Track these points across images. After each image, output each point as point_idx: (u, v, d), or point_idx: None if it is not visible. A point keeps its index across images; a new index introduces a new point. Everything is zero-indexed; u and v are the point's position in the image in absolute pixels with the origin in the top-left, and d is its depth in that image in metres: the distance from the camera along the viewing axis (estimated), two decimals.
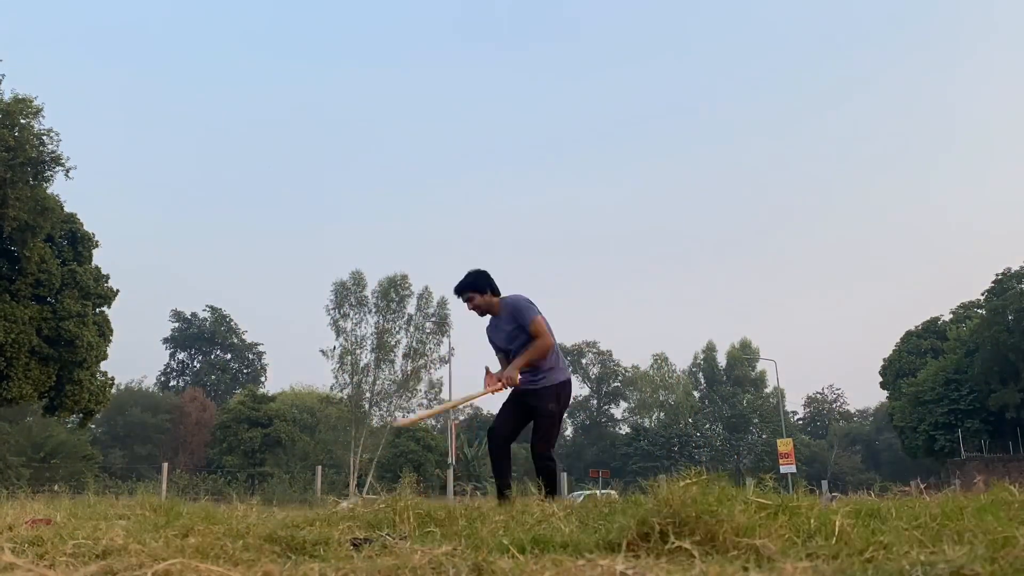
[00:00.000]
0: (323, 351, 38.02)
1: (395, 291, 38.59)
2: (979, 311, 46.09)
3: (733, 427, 63.18)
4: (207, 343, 68.84)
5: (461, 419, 62.95)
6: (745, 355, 69.60)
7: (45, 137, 24.66)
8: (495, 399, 5.01)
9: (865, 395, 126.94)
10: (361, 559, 2.21)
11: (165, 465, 19.72)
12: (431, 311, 38.85)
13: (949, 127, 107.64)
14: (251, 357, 70.63)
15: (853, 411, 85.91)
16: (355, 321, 38.27)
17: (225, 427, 49.10)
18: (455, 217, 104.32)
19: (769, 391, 67.68)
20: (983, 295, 44.56)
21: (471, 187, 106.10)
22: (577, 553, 2.17)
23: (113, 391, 31.62)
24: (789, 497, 2.88)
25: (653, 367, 68.01)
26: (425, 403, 41.69)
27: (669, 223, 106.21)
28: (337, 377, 37.99)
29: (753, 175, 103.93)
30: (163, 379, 67.93)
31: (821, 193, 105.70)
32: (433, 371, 38.67)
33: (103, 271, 29.71)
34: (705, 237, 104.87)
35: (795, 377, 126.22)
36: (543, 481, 4.68)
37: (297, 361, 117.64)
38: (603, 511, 3.27)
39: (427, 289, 39.19)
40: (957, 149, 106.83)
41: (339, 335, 37.94)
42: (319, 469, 23.52)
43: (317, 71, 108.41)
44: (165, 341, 68.57)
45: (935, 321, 52.34)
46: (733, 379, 69.68)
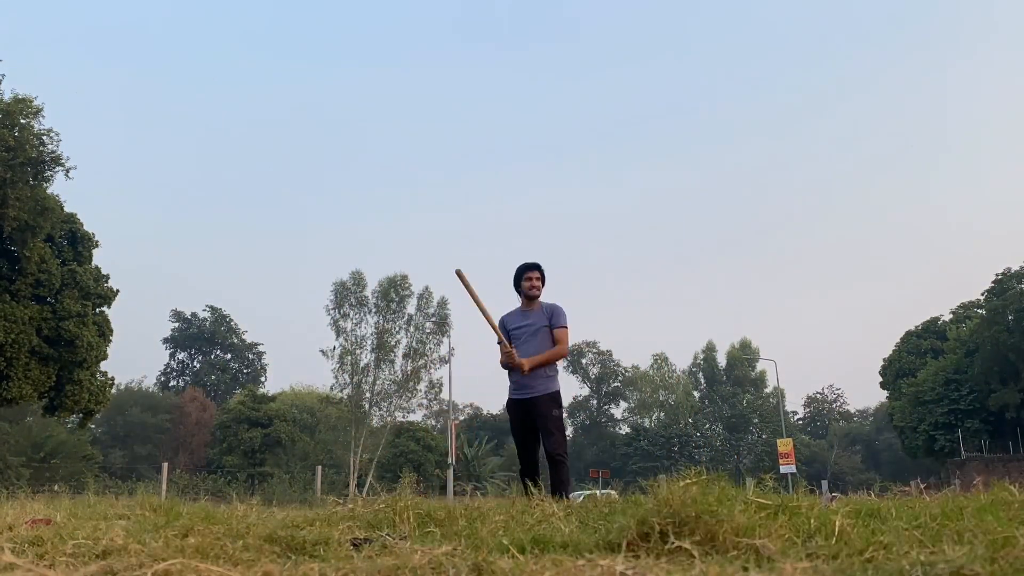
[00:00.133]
0: (323, 351, 38.03)
1: (395, 291, 38.56)
2: (979, 311, 46.07)
3: (733, 427, 63.15)
4: (207, 343, 68.82)
5: (461, 419, 62.96)
6: (745, 355, 69.59)
7: (45, 137, 24.65)
8: (495, 400, 5.18)
9: (865, 395, 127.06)
10: (361, 559, 2.21)
11: (165, 465, 19.68)
12: (431, 311, 38.83)
13: (949, 127, 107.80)
14: (251, 357, 70.61)
15: (853, 411, 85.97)
16: (355, 321, 38.27)
17: (225, 427, 49.08)
18: (455, 217, 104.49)
19: (769, 391, 67.69)
20: (983, 295, 44.53)
21: (471, 187, 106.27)
22: (577, 553, 2.17)
23: (113, 391, 31.60)
24: (789, 497, 2.88)
25: (653, 367, 68.03)
26: (425, 403, 41.79)
27: (669, 223, 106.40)
28: (337, 377, 38.00)
29: (753, 175, 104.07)
30: (163, 379, 67.93)
31: (821, 193, 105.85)
32: (433, 371, 38.68)
33: (103, 271, 29.70)
34: (705, 237, 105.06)
35: (795, 377, 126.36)
36: (552, 480, 4.94)
37: (297, 361, 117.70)
38: (603, 511, 3.27)
39: (427, 289, 39.20)
40: (957, 149, 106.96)
41: (339, 335, 37.95)
42: (319, 469, 23.48)
43: (317, 71, 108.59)
44: (165, 341, 68.61)
45: (935, 321, 52.32)
46: (733, 379, 69.68)
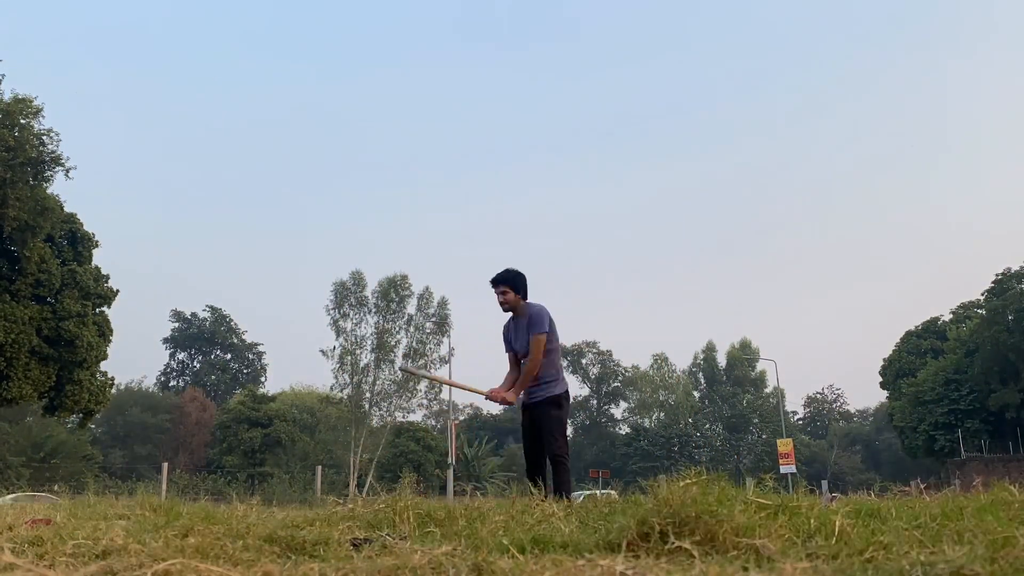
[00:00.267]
0: (323, 351, 38.06)
1: (395, 291, 38.56)
2: (979, 311, 46.06)
3: (733, 427, 63.16)
4: (207, 343, 68.83)
5: (461, 419, 62.96)
6: (745, 355, 69.59)
7: (45, 137, 24.68)
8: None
9: (865, 395, 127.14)
10: (361, 559, 2.21)
11: (165, 465, 19.69)
12: (431, 311, 38.85)
13: (949, 127, 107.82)
14: (251, 357, 70.63)
15: (853, 411, 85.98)
16: (355, 321, 38.29)
17: (225, 427, 49.08)
18: (455, 217, 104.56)
19: (769, 391, 67.68)
20: (983, 295, 44.54)
21: (471, 187, 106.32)
22: (577, 553, 2.17)
23: (113, 391, 31.62)
24: (789, 497, 2.88)
25: (653, 367, 68.02)
26: (425, 403, 41.85)
27: (669, 223, 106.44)
28: (337, 377, 38.02)
29: (753, 175, 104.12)
30: (163, 379, 67.95)
31: (821, 193, 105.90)
32: (433, 371, 38.64)
33: (103, 271, 29.72)
34: (705, 237, 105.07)
35: (795, 377, 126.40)
36: (554, 481, 4.92)
37: (297, 361, 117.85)
38: (603, 511, 3.27)
39: (427, 289, 39.22)
40: (957, 149, 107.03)
41: (339, 335, 37.97)
42: (319, 469, 23.48)
43: (317, 71, 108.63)
44: (165, 341, 68.65)
45: (935, 321, 52.32)
46: (733, 379, 69.67)
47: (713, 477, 2.81)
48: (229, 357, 70.02)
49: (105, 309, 29.42)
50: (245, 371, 70.10)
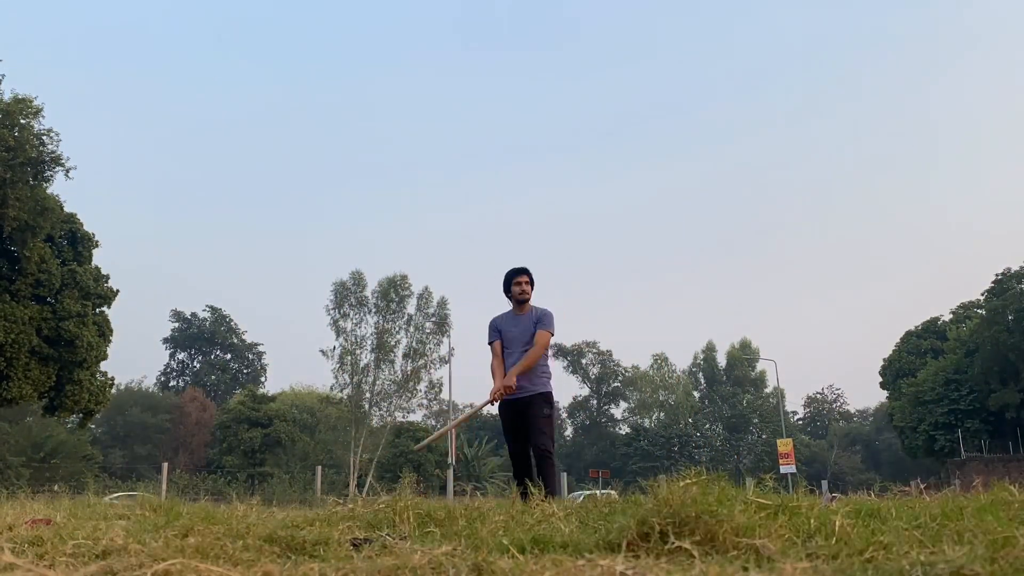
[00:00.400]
0: (323, 351, 38.04)
1: (395, 291, 38.56)
2: (979, 311, 46.06)
3: (733, 427, 63.15)
4: (207, 343, 68.83)
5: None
6: (745, 355, 69.59)
7: (45, 137, 24.65)
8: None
9: (865, 395, 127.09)
10: (361, 559, 2.21)
11: (165, 465, 19.69)
12: (431, 311, 38.83)
13: (949, 127, 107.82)
14: (251, 357, 70.61)
15: (853, 411, 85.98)
16: (355, 321, 38.28)
17: (225, 427, 49.07)
18: (455, 217, 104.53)
19: (769, 391, 67.70)
20: (983, 295, 44.54)
21: (471, 187, 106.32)
22: (577, 553, 2.17)
23: (113, 391, 31.59)
24: (789, 497, 2.88)
25: (653, 367, 68.02)
26: (425, 403, 41.80)
27: (669, 223, 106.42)
28: (337, 377, 38.01)
29: (753, 175, 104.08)
30: (163, 379, 67.93)
31: (821, 193, 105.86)
32: (433, 371, 38.68)
33: (103, 271, 29.70)
34: (705, 237, 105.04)
35: (795, 377, 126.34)
36: (541, 478, 4.93)
37: (297, 361, 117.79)
38: (603, 511, 3.27)
39: (427, 289, 39.19)
40: (957, 149, 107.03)
41: (339, 335, 37.96)
42: (319, 469, 23.47)
43: (317, 71, 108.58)
44: (165, 341, 68.63)
45: (935, 321, 52.32)
46: (733, 379, 69.67)
47: (713, 477, 2.80)
48: (229, 357, 70.01)
49: (105, 309, 29.41)
50: (245, 371, 70.09)
